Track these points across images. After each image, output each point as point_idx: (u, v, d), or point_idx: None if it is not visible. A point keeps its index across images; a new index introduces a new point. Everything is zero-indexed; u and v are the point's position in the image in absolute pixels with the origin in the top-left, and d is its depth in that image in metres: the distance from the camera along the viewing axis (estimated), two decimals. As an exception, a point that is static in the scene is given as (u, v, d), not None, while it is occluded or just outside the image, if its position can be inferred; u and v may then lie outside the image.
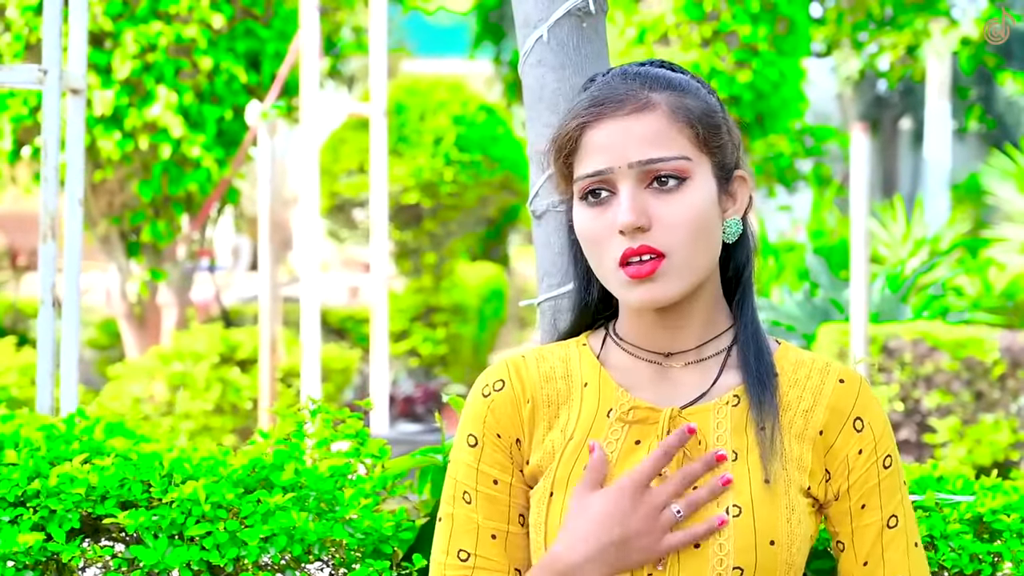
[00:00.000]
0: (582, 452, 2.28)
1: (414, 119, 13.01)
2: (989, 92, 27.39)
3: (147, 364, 10.01)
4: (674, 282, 2.23)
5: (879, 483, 2.32)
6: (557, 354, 2.38)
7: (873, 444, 2.32)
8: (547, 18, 2.80)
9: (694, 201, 2.24)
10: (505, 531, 2.32)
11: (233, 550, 2.71)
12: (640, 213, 2.21)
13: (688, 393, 2.31)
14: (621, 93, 2.26)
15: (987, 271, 13.02)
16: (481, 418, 2.34)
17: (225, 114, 10.53)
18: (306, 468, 2.83)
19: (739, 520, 2.22)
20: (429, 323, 13.87)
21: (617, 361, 2.35)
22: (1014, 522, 2.79)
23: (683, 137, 2.25)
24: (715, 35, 15.76)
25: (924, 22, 19.70)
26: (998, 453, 9.07)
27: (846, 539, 2.32)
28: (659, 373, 2.33)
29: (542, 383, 2.34)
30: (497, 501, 2.32)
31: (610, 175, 2.23)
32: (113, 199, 10.84)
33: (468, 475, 2.33)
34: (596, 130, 2.25)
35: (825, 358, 2.37)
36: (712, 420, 2.29)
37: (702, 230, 2.25)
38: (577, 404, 2.32)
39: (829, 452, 2.31)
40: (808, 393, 2.32)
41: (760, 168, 21.25)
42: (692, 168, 2.25)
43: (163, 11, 10.30)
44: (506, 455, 2.33)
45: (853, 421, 2.31)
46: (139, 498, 2.76)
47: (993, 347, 9.17)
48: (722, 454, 2.23)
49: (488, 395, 2.34)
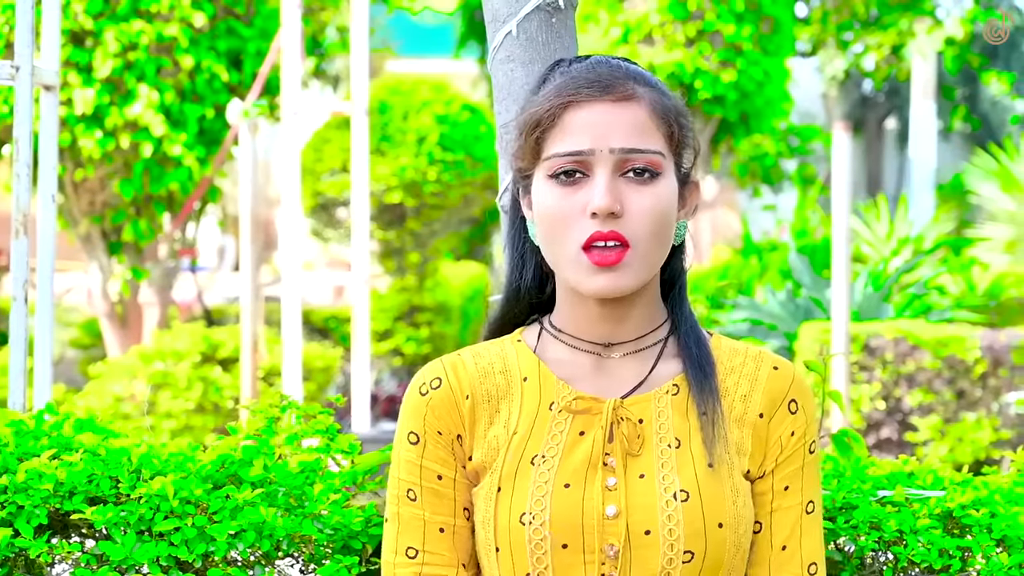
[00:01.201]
0: (527, 446, 2.30)
1: (397, 118, 13.00)
2: (974, 92, 27.43)
3: (128, 363, 9.99)
4: (634, 273, 2.25)
5: (803, 467, 2.36)
6: (493, 351, 2.39)
7: (804, 428, 2.36)
8: (516, 13, 2.80)
9: (662, 196, 2.27)
10: (452, 525, 2.33)
11: (202, 546, 2.70)
12: (615, 198, 2.23)
13: (627, 383, 2.34)
14: (609, 79, 2.28)
15: (970, 270, 13.05)
16: (421, 415, 2.35)
17: (206, 113, 10.52)
18: (275, 464, 2.82)
19: (687, 505, 2.25)
20: (412, 322, 13.86)
21: (555, 354, 2.37)
22: (983, 517, 2.80)
23: (659, 133, 2.28)
24: (699, 34, 15.76)
25: (909, 22, 19.75)
26: (979, 451, 9.09)
27: (764, 519, 2.34)
28: (598, 364, 2.34)
29: (480, 379, 2.35)
30: (442, 496, 2.33)
31: (589, 157, 2.25)
32: (94, 198, 10.82)
33: (411, 472, 2.35)
34: (581, 110, 2.27)
35: (758, 347, 2.42)
36: (653, 409, 2.32)
37: (665, 226, 2.27)
38: (518, 399, 2.34)
39: (767, 433, 2.35)
40: (744, 379, 2.36)
41: (745, 168, 21.27)
42: (664, 164, 2.28)
43: (144, 9, 10.28)
44: (448, 451, 2.34)
45: (788, 403, 2.36)
46: (107, 494, 2.74)
47: (974, 346, 9.18)
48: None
49: (426, 393, 2.36)
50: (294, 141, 9.20)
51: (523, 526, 2.25)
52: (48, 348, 4.06)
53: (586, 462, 2.28)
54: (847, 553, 2.83)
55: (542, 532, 2.24)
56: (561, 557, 2.24)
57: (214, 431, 9.76)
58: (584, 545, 2.24)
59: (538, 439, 2.30)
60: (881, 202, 15.19)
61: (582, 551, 2.24)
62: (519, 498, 2.26)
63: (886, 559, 2.83)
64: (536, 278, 2.44)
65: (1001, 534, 2.79)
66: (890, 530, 2.78)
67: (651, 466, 2.27)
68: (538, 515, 2.24)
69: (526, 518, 2.25)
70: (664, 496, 2.25)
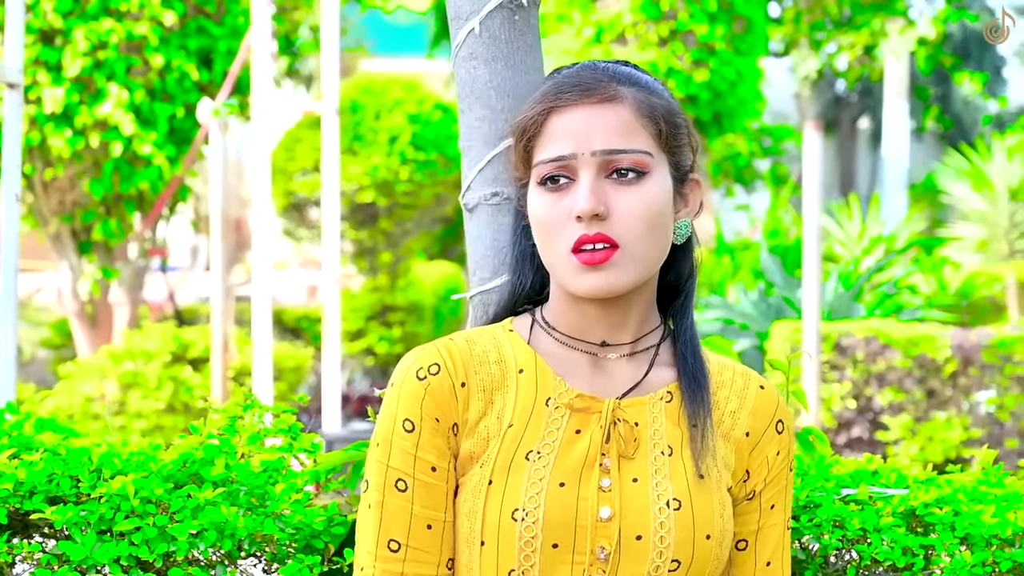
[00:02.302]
0: (522, 440, 2.27)
1: (369, 118, 12.98)
2: (946, 92, 27.52)
3: (98, 363, 9.96)
4: (625, 273, 2.24)
5: (786, 485, 2.39)
6: (486, 338, 2.36)
7: (788, 447, 2.38)
8: (479, 11, 2.79)
9: (651, 196, 2.25)
10: (442, 520, 2.28)
11: (162, 545, 2.69)
12: (599, 201, 2.22)
13: (623, 384, 2.33)
14: (590, 82, 2.27)
15: (942, 269, 13.08)
16: (419, 402, 2.28)
17: (177, 112, 10.49)
18: (237, 463, 2.81)
19: (679, 513, 2.24)
20: (385, 322, 13.85)
21: (548, 348, 2.35)
22: (947, 515, 2.80)
23: (646, 132, 2.27)
24: (672, 34, 15.78)
25: (881, 22, 19.78)
26: (950, 450, 9.11)
27: (750, 537, 2.36)
28: (593, 363, 2.33)
29: (476, 367, 2.31)
30: (434, 489, 2.27)
31: (572, 161, 2.24)
32: (64, 197, 10.79)
33: (404, 461, 2.27)
34: (562, 115, 2.26)
35: (743, 366, 2.42)
36: (649, 414, 2.31)
37: (656, 225, 2.26)
38: (513, 391, 2.31)
39: (752, 452, 2.35)
40: (734, 395, 2.37)
41: (718, 167, 21.29)
42: (652, 164, 2.26)
43: (114, 8, 10.25)
44: (444, 440, 2.28)
45: (776, 424, 2.37)
46: (68, 493, 2.73)
47: (945, 345, 9.20)
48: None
49: (424, 378, 2.29)
50: (265, 140, 9.17)
51: (515, 522, 2.22)
52: (10, 348, 4.03)
53: (581, 461, 2.26)
54: (811, 551, 2.83)
55: (534, 530, 2.21)
56: (549, 556, 2.22)
57: (184, 431, 9.73)
58: (575, 545, 2.22)
59: (533, 434, 2.28)
60: (853, 201, 15.23)
61: (572, 551, 2.22)
62: (512, 493, 2.23)
63: (850, 557, 2.83)
64: (535, 281, 2.42)
65: (964, 532, 2.79)
66: (854, 528, 2.78)
67: (644, 471, 2.26)
68: (531, 512, 2.22)
69: (518, 514, 2.22)
70: (657, 503, 2.24)
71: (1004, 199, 14.41)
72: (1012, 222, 14.30)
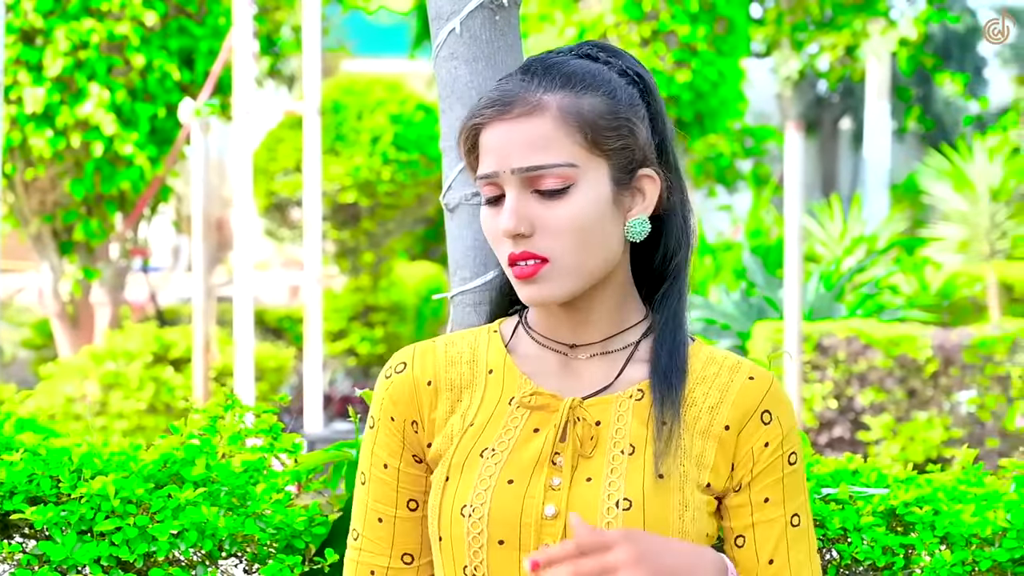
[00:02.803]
0: (480, 438, 2.28)
1: (351, 118, 12.97)
2: (928, 93, 27.59)
3: (80, 363, 9.94)
4: (559, 284, 2.22)
5: (783, 478, 2.29)
6: (466, 339, 2.37)
7: (780, 439, 2.30)
8: (459, 11, 2.79)
9: (579, 207, 2.21)
10: (392, 515, 2.33)
11: (143, 545, 2.69)
12: (520, 219, 2.20)
13: (592, 384, 2.31)
14: (512, 95, 2.23)
15: (923, 270, 13.10)
16: (380, 401, 2.34)
17: (158, 112, 10.48)
18: (218, 463, 2.81)
19: (629, 514, 2.20)
20: (367, 322, 13.84)
21: (525, 349, 2.35)
22: (926, 514, 2.80)
23: (571, 141, 2.21)
24: (654, 35, 15.79)
25: (863, 23, 19.80)
26: (931, 450, 9.12)
27: (747, 532, 2.29)
28: (564, 364, 2.32)
29: (446, 366, 2.33)
30: (386, 485, 2.33)
31: (496, 179, 2.23)
32: (45, 197, 10.77)
33: (365, 457, 2.35)
34: (487, 132, 2.24)
35: (738, 357, 2.35)
36: (614, 412, 2.28)
37: (588, 234, 2.22)
38: (480, 390, 2.32)
39: (737, 445, 2.29)
40: (715, 390, 2.31)
41: (700, 168, 21.31)
42: (578, 174, 2.21)
43: (95, 8, 10.24)
44: (398, 439, 2.33)
45: (761, 414, 2.29)
46: (48, 494, 2.73)
47: (926, 345, 9.21)
48: (536, 561, 2.09)
49: (389, 377, 2.35)
50: (247, 140, 9.17)
51: (463, 518, 2.23)
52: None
53: (534, 459, 2.25)
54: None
55: (480, 526, 2.22)
56: (497, 552, 2.22)
57: (166, 432, 9.71)
58: (520, 543, 2.22)
59: (492, 432, 2.28)
60: (835, 202, 15.24)
61: (518, 548, 2.22)
62: (463, 490, 2.24)
63: (831, 557, 2.84)
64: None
65: (944, 531, 2.79)
66: (834, 528, 2.78)
67: (599, 470, 2.24)
68: (477, 508, 2.22)
69: (466, 510, 2.23)
70: (606, 503, 2.21)
71: (985, 199, 14.43)
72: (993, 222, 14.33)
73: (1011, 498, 2.85)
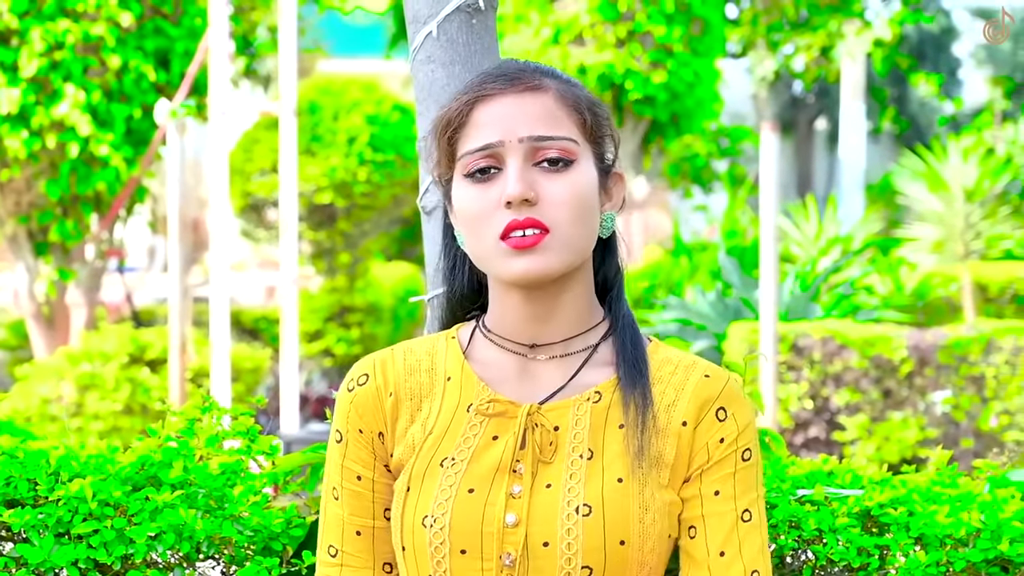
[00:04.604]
0: (440, 447, 2.28)
1: (327, 119, 12.97)
2: (903, 93, 27.66)
3: (55, 364, 9.92)
4: (555, 256, 2.22)
5: (735, 472, 2.30)
6: (424, 347, 2.38)
7: (735, 435, 2.31)
8: (436, 14, 2.80)
9: (579, 183, 2.25)
10: (371, 527, 2.33)
11: (120, 548, 2.68)
12: (528, 186, 2.21)
13: (550, 388, 2.31)
14: (515, 71, 2.28)
15: (898, 270, 13.14)
16: (345, 414, 2.35)
17: (134, 113, 10.47)
18: (195, 465, 2.81)
19: (589, 520, 2.21)
20: (343, 323, 13.84)
21: (483, 355, 2.35)
22: (901, 515, 2.81)
23: (571, 121, 2.27)
24: (630, 35, 15.81)
25: (838, 24, 19.86)
26: (906, 450, 9.15)
27: (698, 524, 2.30)
28: (523, 367, 2.32)
29: (406, 376, 2.34)
30: (361, 497, 2.33)
31: (499, 149, 2.23)
32: (20, 198, 10.75)
33: (335, 471, 2.35)
34: (488, 105, 2.26)
35: (694, 357, 2.37)
36: (571, 416, 2.28)
37: (585, 212, 2.25)
38: (439, 398, 2.33)
39: (693, 441, 2.30)
40: (671, 389, 2.32)
41: (676, 168, 21.34)
42: (579, 151, 2.26)
43: (71, 9, 10.22)
44: (368, 450, 2.33)
45: (716, 411, 2.31)
46: (25, 496, 2.72)
47: (901, 345, 9.24)
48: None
49: (352, 390, 2.35)
50: (223, 141, 9.16)
51: (425, 528, 2.23)
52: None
53: (494, 467, 2.25)
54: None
55: (442, 536, 2.22)
56: (459, 562, 2.22)
57: (142, 433, 9.69)
58: (482, 552, 2.22)
59: (451, 441, 2.28)
60: (810, 202, 15.28)
61: (480, 558, 2.22)
62: (424, 500, 2.25)
63: (806, 558, 2.84)
64: (471, 286, 2.43)
65: (919, 532, 2.80)
66: (809, 529, 2.79)
67: (559, 476, 2.24)
68: (439, 519, 2.22)
69: (427, 521, 2.23)
70: (566, 509, 2.22)
71: (959, 200, 14.49)
72: (967, 223, 14.39)
73: (985, 499, 2.87)
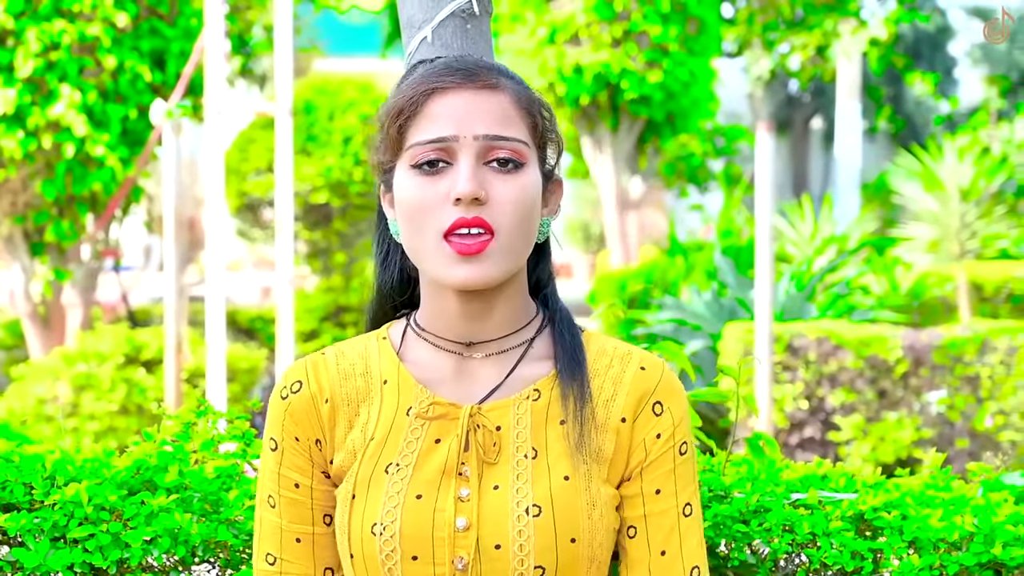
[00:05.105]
0: (383, 453, 2.27)
1: (323, 118, 12.97)
2: (898, 92, 27.67)
3: (51, 365, 9.92)
4: (498, 263, 2.20)
5: (675, 468, 2.30)
6: (356, 350, 2.35)
7: (672, 429, 2.31)
8: (431, 19, 2.79)
9: (527, 186, 2.23)
10: (310, 533, 2.31)
11: (116, 552, 2.69)
12: (480, 184, 2.18)
13: (487, 386, 2.30)
14: (473, 67, 2.25)
15: (894, 270, 13.13)
16: (280, 421, 2.31)
17: (130, 113, 10.46)
18: (191, 469, 2.82)
19: (539, 520, 2.21)
20: (339, 323, 13.83)
21: (417, 355, 2.33)
22: (895, 519, 2.82)
23: (523, 124, 2.25)
24: (626, 35, 15.81)
25: (834, 23, 19.87)
26: (901, 451, 9.15)
27: (638, 523, 2.30)
28: (459, 366, 2.30)
29: (340, 381, 2.31)
30: (299, 504, 2.31)
31: (453, 144, 2.20)
32: (16, 198, 10.74)
33: (271, 479, 2.32)
34: (445, 97, 2.23)
35: (628, 347, 2.36)
36: (512, 416, 2.28)
37: (529, 217, 2.23)
38: (377, 402, 2.30)
39: (632, 437, 2.29)
40: (608, 382, 2.31)
41: (671, 167, 21.35)
42: (529, 155, 2.24)
43: (66, 9, 10.22)
44: (306, 458, 2.31)
45: (652, 405, 2.30)
46: (21, 500, 2.73)
47: (896, 345, 9.24)
48: None
49: (286, 397, 2.32)
50: (218, 141, 9.16)
51: (374, 536, 2.22)
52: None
53: (440, 471, 2.24)
54: (761, 556, 2.85)
55: (392, 543, 2.21)
56: (411, 567, 2.22)
57: (138, 433, 9.69)
58: (434, 557, 2.21)
59: (394, 446, 2.27)
60: (806, 202, 15.27)
61: (432, 563, 2.21)
62: (372, 507, 2.23)
63: (800, 561, 2.85)
64: (401, 280, 2.41)
65: (912, 536, 2.81)
66: (803, 532, 2.80)
67: (506, 477, 2.24)
68: (388, 526, 2.21)
69: (377, 528, 2.22)
70: (516, 511, 2.21)
71: (955, 200, 14.47)
72: (963, 222, 14.38)
73: (978, 503, 2.87)
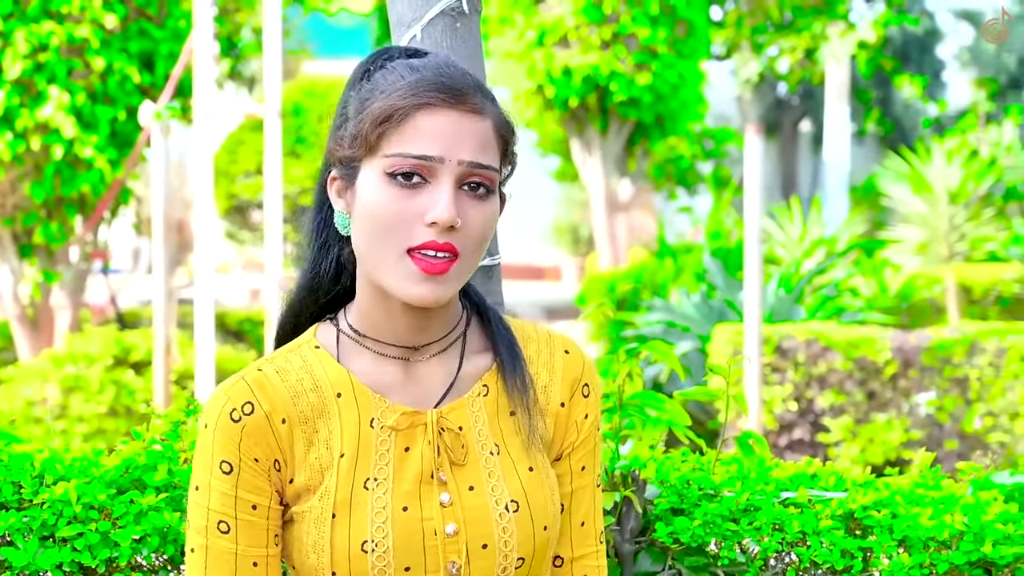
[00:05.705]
0: (357, 469, 2.25)
1: (312, 120, 12.97)
2: (887, 95, 27.71)
3: (40, 366, 9.90)
4: (455, 283, 2.21)
5: (595, 447, 2.40)
6: (294, 364, 2.31)
7: (596, 410, 2.40)
8: (420, 18, 2.79)
9: (493, 213, 2.24)
10: (265, 556, 2.26)
11: (105, 551, 2.69)
12: (457, 213, 2.18)
13: (439, 387, 2.31)
14: (462, 87, 2.23)
15: (882, 272, 13.15)
16: (235, 443, 2.23)
17: (118, 115, 10.45)
18: (180, 468, 2.82)
19: (519, 515, 2.26)
20: (327, 325, 13.81)
21: (361, 364, 2.31)
22: (884, 518, 2.82)
23: (498, 150, 2.25)
24: (615, 37, 15.82)
25: (822, 26, 19.91)
26: (890, 452, 9.16)
27: (566, 500, 2.38)
28: (406, 370, 2.30)
29: (293, 399, 2.27)
30: (257, 526, 2.25)
31: (438, 164, 2.18)
32: (5, 200, 10.73)
33: (224, 504, 2.24)
34: (432, 115, 2.20)
35: (547, 330, 2.42)
36: (470, 415, 2.30)
37: (488, 240, 2.25)
38: (336, 417, 2.27)
39: (566, 419, 2.37)
40: (543, 369, 2.37)
41: (660, 170, 21.36)
42: (497, 180, 2.25)
43: (55, 11, 10.21)
44: (265, 479, 2.25)
45: (582, 388, 2.38)
46: (10, 499, 2.73)
47: (885, 347, 9.25)
48: None
49: (239, 420, 2.24)
50: (207, 143, 9.15)
51: (365, 553, 2.21)
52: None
53: (418, 480, 2.25)
54: (751, 554, 2.86)
55: (385, 559, 2.21)
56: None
57: (127, 435, 9.68)
58: (427, 565, 2.22)
59: (366, 461, 2.25)
60: (795, 204, 15.29)
61: (424, 571, 2.23)
62: (358, 525, 2.22)
63: (790, 560, 2.85)
64: (334, 270, 2.38)
65: (902, 534, 2.82)
66: (793, 531, 2.80)
67: (478, 476, 2.27)
68: (380, 542, 2.21)
69: (368, 545, 2.21)
70: (497, 508, 2.25)
71: (943, 202, 14.49)
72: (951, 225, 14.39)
73: (968, 501, 2.88)
